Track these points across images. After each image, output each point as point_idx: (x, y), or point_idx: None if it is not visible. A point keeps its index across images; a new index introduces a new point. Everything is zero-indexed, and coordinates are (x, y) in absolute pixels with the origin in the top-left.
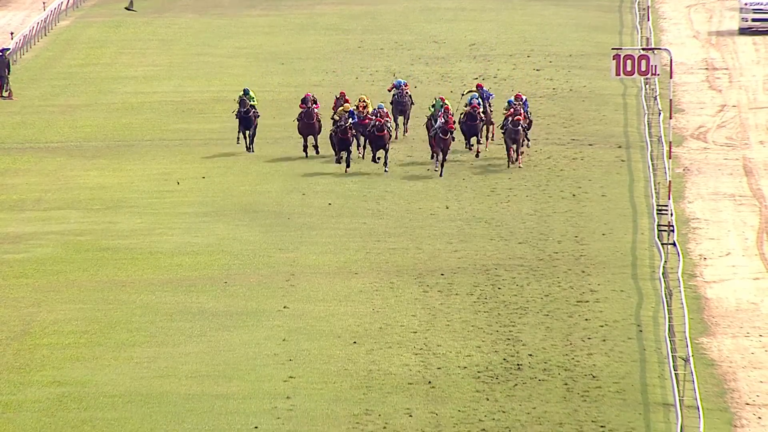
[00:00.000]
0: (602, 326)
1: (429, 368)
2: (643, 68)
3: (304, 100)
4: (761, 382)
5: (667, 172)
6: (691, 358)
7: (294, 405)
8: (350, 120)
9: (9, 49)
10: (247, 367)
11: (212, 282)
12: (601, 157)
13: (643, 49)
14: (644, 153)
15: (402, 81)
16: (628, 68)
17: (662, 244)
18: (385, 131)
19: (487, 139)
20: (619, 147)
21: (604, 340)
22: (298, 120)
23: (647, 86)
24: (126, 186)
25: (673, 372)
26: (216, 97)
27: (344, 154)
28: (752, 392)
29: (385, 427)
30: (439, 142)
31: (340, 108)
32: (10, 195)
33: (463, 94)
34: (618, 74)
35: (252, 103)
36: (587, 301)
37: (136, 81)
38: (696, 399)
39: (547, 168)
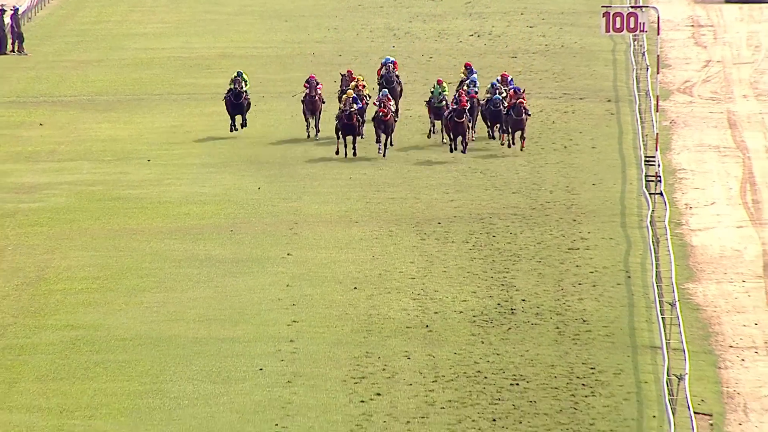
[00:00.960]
0: (592, 272)
1: (426, 313)
2: (632, 25)
3: (308, 82)
4: (744, 325)
5: (655, 124)
6: (677, 303)
7: (297, 348)
8: (355, 106)
9: (19, 7)
10: (252, 311)
11: (219, 230)
12: (591, 110)
13: (631, 6)
14: (632, 106)
15: (390, 59)
16: (618, 25)
17: (650, 193)
18: (390, 117)
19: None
20: (609, 101)
21: (594, 286)
22: (302, 101)
23: (635, 42)
24: (136, 138)
25: (660, 316)
26: (222, 53)
27: (350, 139)
28: (735, 335)
29: (384, 369)
30: (455, 127)
31: (345, 95)
32: (25, 147)
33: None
34: (608, 31)
35: (245, 88)
36: (578, 249)
37: (145, 38)
38: (682, 342)
39: (540, 121)
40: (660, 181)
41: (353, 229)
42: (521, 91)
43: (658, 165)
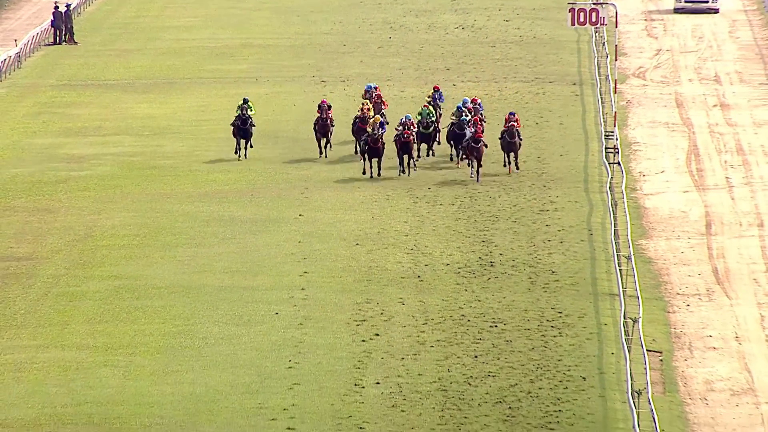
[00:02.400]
0: (560, 231)
1: (418, 265)
2: (594, 19)
3: (319, 107)
4: (689, 276)
5: (613, 104)
6: (632, 257)
7: (308, 295)
8: (381, 130)
9: (71, 4)
10: (269, 264)
11: (240, 194)
12: (559, 92)
13: (593, 3)
14: (594, 89)
15: (373, 85)
16: (581, 19)
17: (609, 163)
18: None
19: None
20: (574, 84)
21: (561, 242)
22: (314, 125)
23: (597, 34)
24: (170, 116)
25: (617, 268)
26: (244, 43)
27: (375, 161)
28: (682, 284)
29: (382, 313)
30: (472, 151)
31: (372, 120)
32: (75, 123)
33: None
34: (573, 24)
35: (251, 113)
36: (548, 210)
37: (178, 30)
38: (636, 290)
39: (515, 101)
40: (618, 152)
41: (356, 193)
42: (514, 115)
43: (616, 139)
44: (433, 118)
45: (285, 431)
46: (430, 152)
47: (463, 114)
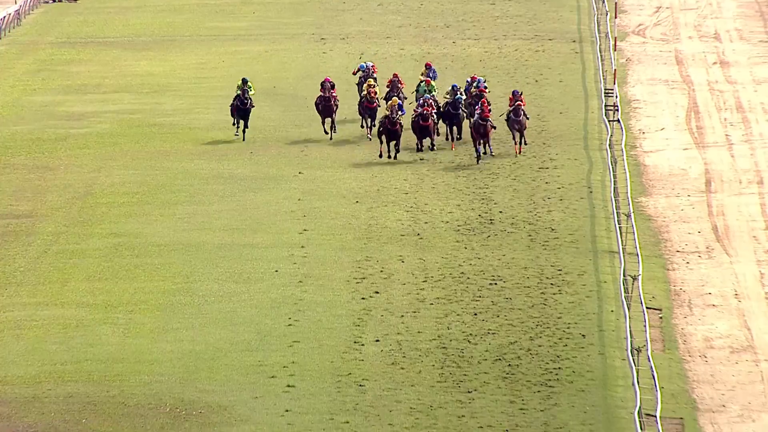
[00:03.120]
0: (559, 188)
1: (418, 222)
2: None
3: (322, 85)
4: (689, 233)
5: (613, 62)
6: (632, 214)
7: (307, 253)
8: (400, 113)
9: None
10: (269, 221)
11: (240, 152)
12: (558, 49)
13: None
14: (594, 46)
15: (367, 64)
16: None
17: (609, 120)
18: (430, 122)
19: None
20: (574, 41)
21: (561, 200)
22: (317, 104)
23: None
24: (170, 73)
25: (617, 225)
26: (244, 0)
27: (393, 143)
28: (681, 242)
29: (381, 271)
30: (479, 129)
31: (390, 102)
32: (74, 81)
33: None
34: None
35: (250, 94)
36: (547, 168)
37: None
38: (636, 247)
39: (515, 59)
40: (617, 110)
41: (355, 150)
42: (519, 93)
43: (616, 96)
44: (435, 93)
45: (285, 388)
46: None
47: (458, 93)
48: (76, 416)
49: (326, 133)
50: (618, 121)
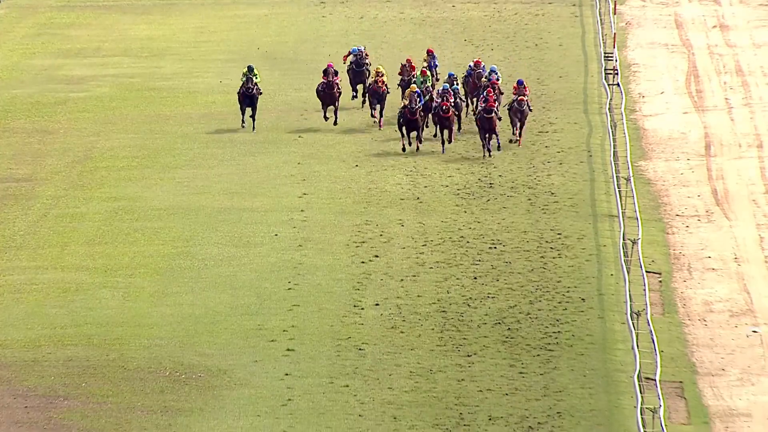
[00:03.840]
0: (559, 152)
1: (417, 186)
2: None
3: (325, 72)
4: (688, 197)
5: (613, 25)
6: (632, 178)
7: (307, 216)
8: (419, 101)
9: None
10: (268, 185)
11: (240, 116)
12: (558, 13)
13: None
14: (594, 10)
15: (359, 48)
16: None
17: (608, 84)
18: (450, 113)
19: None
20: (573, 5)
21: (560, 164)
22: (319, 91)
23: None
24: (169, 37)
25: (616, 189)
26: None
27: (414, 134)
28: (681, 206)
29: (381, 235)
30: (483, 122)
31: (408, 90)
32: (74, 44)
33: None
34: None
35: (256, 81)
36: (547, 132)
37: None
38: (635, 211)
39: (515, 23)
40: (617, 73)
41: (355, 114)
42: (523, 84)
43: (616, 60)
44: (429, 84)
45: (284, 352)
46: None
47: (455, 82)
48: (76, 380)
49: (326, 119)
50: (618, 84)
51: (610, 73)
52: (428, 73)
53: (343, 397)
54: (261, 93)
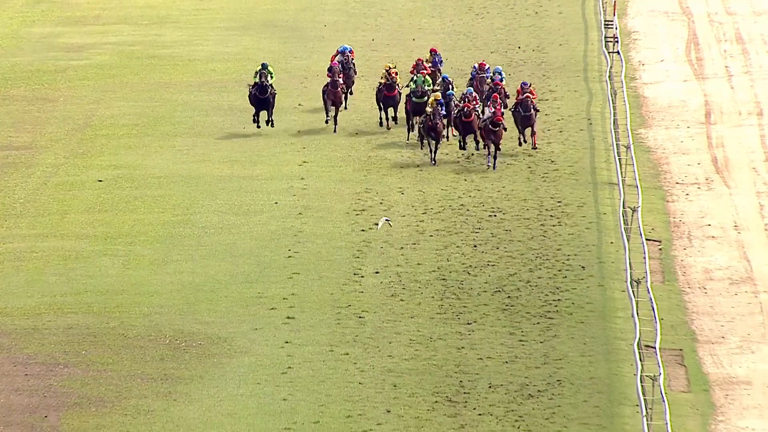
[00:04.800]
0: (559, 120)
1: (417, 154)
2: None
3: (330, 70)
4: (688, 165)
5: None
6: (632, 146)
7: (307, 185)
8: (442, 110)
9: None
10: (268, 153)
11: (240, 84)
12: None
13: None
14: None
15: (347, 47)
16: None
17: (608, 52)
18: (473, 116)
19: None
20: None
21: (560, 131)
22: (324, 91)
23: None
24: (169, 5)
25: (616, 157)
26: None
27: (433, 143)
28: (681, 173)
29: (381, 203)
30: (489, 134)
31: (431, 99)
32: (74, 12)
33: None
34: None
35: (270, 81)
36: (547, 99)
37: None
38: (635, 179)
39: None
40: (617, 41)
41: (355, 83)
42: (528, 85)
43: (616, 28)
44: (429, 87)
45: (284, 320)
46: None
47: (450, 87)
48: (76, 347)
49: (327, 122)
50: (618, 52)
51: (611, 41)
52: (427, 76)
53: (343, 365)
54: (275, 93)
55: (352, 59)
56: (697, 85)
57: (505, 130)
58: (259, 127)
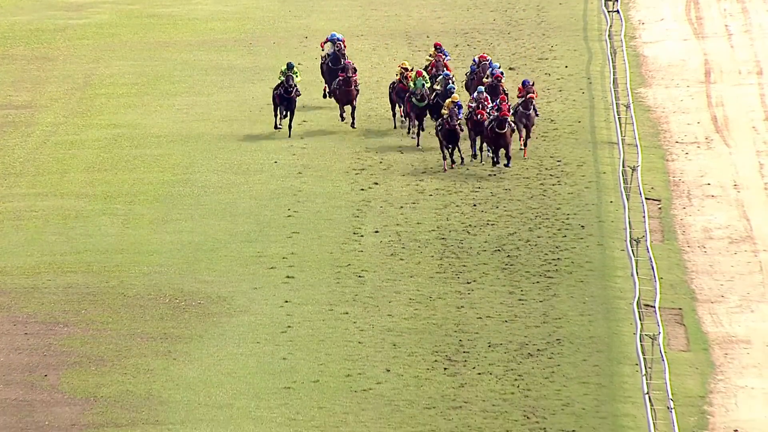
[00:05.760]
0: (559, 79)
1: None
2: None
3: (343, 69)
4: (688, 124)
5: None
6: (632, 105)
7: (306, 144)
8: (459, 113)
9: None
10: (268, 112)
11: (239, 43)
12: None
13: None
14: None
15: (338, 36)
16: None
17: (608, 11)
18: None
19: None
20: None
21: (560, 91)
22: (336, 88)
23: None
24: None
25: (616, 116)
26: None
27: (450, 148)
28: (680, 132)
29: (381, 162)
30: (498, 138)
31: (448, 100)
32: None
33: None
34: None
35: (296, 81)
36: (547, 59)
37: None
38: (635, 138)
39: None
40: (617, 0)
41: (355, 41)
42: (530, 84)
43: None
44: (428, 86)
45: (284, 279)
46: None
47: (450, 82)
48: (76, 306)
49: (343, 119)
50: (617, 11)
51: (610, 0)
52: (425, 74)
53: (343, 324)
54: (300, 95)
55: (344, 49)
56: (697, 44)
57: (513, 131)
58: (279, 127)
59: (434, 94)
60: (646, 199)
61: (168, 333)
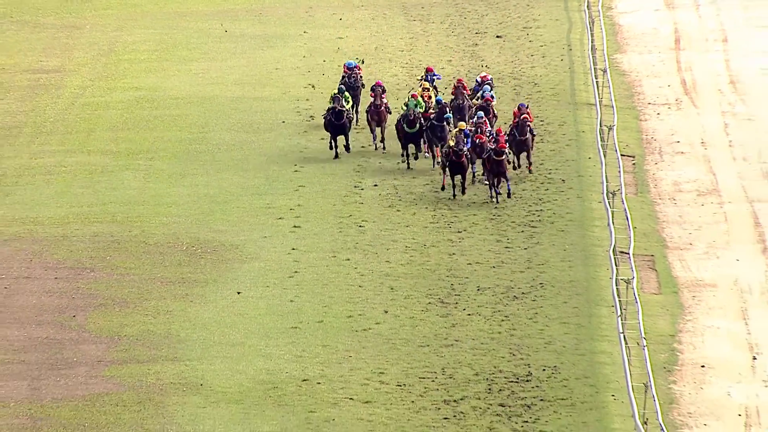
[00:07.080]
0: (542, 46)
1: (412, 78)
2: None
3: (373, 89)
4: (659, 87)
5: None
6: (608, 70)
7: (311, 105)
8: (466, 141)
9: None
10: (276, 76)
11: (250, 13)
12: None
13: None
14: None
15: (354, 62)
16: None
17: None
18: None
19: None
20: None
21: (543, 57)
22: (367, 111)
23: None
24: None
25: (594, 80)
26: None
27: (458, 178)
28: (653, 95)
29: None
30: (494, 166)
31: (456, 128)
32: None
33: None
34: None
35: (347, 107)
36: (531, 27)
37: None
38: (611, 100)
39: None
40: None
41: (355, 12)
42: (526, 107)
43: None
44: (421, 110)
45: (291, 228)
46: (416, 155)
47: (446, 110)
48: (102, 253)
49: (376, 147)
50: None
51: None
52: (418, 98)
53: (345, 269)
54: (351, 118)
55: (360, 75)
56: (668, 14)
57: (510, 162)
58: (337, 157)
59: (428, 122)
60: (621, 155)
61: (185, 277)
